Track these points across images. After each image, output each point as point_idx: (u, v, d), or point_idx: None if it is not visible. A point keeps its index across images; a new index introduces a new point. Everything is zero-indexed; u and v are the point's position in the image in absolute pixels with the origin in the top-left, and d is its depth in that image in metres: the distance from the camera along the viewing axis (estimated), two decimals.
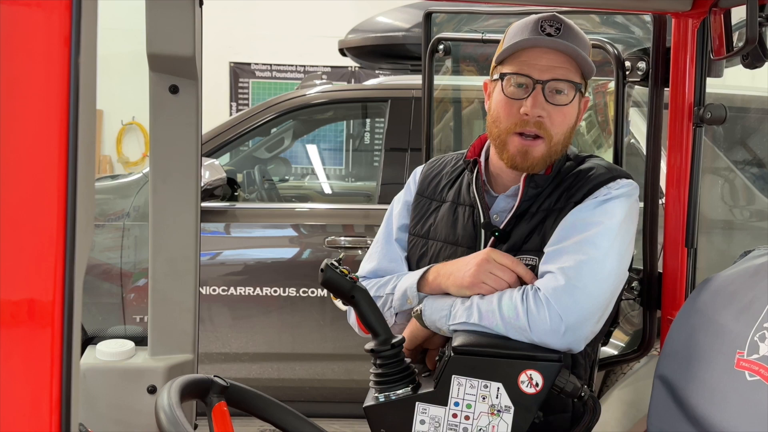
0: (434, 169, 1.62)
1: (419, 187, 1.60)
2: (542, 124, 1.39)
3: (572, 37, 1.41)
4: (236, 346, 3.16)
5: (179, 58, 1.53)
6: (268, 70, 7.91)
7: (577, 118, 1.45)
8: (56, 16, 0.60)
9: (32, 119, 0.61)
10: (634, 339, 2.41)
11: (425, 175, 1.61)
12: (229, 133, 3.32)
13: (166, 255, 1.68)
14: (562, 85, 1.39)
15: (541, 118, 1.39)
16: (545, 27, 1.40)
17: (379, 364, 1.31)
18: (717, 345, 1.19)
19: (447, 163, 1.61)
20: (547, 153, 1.41)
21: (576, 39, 1.41)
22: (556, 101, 1.39)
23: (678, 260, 1.65)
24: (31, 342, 0.61)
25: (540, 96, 1.38)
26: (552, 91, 1.39)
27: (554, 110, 1.39)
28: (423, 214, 1.56)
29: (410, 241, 1.57)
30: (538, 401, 1.27)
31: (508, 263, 1.37)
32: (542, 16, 1.42)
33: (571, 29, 1.42)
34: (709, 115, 1.56)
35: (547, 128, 1.40)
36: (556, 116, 1.40)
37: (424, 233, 1.55)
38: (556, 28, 1.40)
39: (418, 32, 3.32)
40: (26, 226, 0.61)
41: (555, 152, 1.43)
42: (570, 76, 1.40)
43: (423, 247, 1.54)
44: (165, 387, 1.11)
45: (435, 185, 1.58)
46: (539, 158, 1.41)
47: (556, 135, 1.40)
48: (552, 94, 1.39)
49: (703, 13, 1.54)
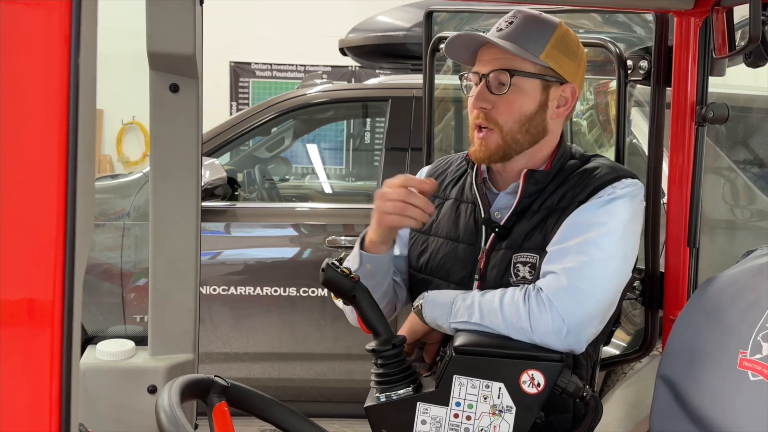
0: (439, 168, 1.63)
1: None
2: (488, 116, 1.43)
3: (521, 29, 1.43)
4: (236, 345, 3.16)
5: (180, 57, 1.53)
6: (268, 70, 7.90)
7: (539, 106, 1.43)
8: (56, 16, 0.60)
9: (32, 119, 0.61)
10: (635, 339, 2.41)
11: (430, 174, 1.63)
12: (229, 132, 3.32)
13: (167, 254, 1.68)
14: (503, 76, 1.41)
15: (485, 109, 1.42)
16: (501, 24, 1.46)
17: (380, 364, 1.30)
18: (720, 345, 1.18)
19: (452, 162, 1.63)
20: (503, 142, 1.43)
21: (525, 31, 1.43)
22: (499, 90, 1.42)
23: (680, 260, 1.64)
24: (31, 342, 0.61)
25: (483, 88, 1.43)
26: (496, 83, 1.42)
27: (499, 100, 1.42)
28: None
29: (411, 237, 1.57)
30: (539, 401, 1.27)
31: (396, 182, 1.40)
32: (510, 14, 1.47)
33: (526, 21, 1.44)
34: (712, 114, 1.56)
35: (493, 118, 1.43)
36: (500, 106, 1.42)
37: (426, 229, 1.55)
38: (510, 23, 1.45)
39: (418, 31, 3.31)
40: (26, 225, 0.61)
41: (513, 141, 1.43)
42: (512, 65, 1.41)
43: (424, 243, 1.54)
44: (165, 387, 1.11)
45: (439, 183, 1.59)
46: (494, 148, 1.44)
47: (505, 124, 1.42)
48: (496, 85, 1.42)
49: (706, 11, 1.54)
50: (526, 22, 1.44)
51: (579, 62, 1.48)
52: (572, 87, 1.47)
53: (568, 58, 1.45)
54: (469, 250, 1.47)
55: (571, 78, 1.45)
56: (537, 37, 1.43)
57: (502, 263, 1.42)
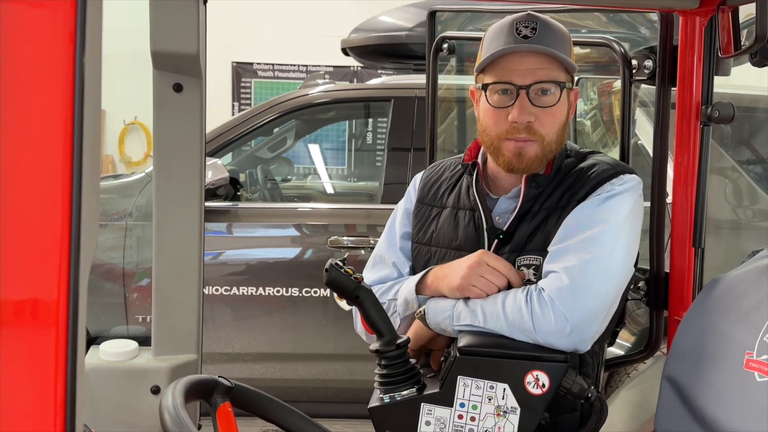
0: (433, 175, 1.61)
1: (419, 194, 1.59)
2: (532, 128, 1.39)
3: (549, 35, 1.39)
4: (239, 346, 3.16)
5: (183, 56, 1.53)
6: (270, 70, 7.91)
7: (567, 113, 1.44)
8: (61, 16, 0.60)
9: (37, 118, 0.61)
10: (640, 339, 2.40)
11: (425, 182, 1.60)
12: (231, 132, 3.32)
13: (170, 255, 1.67)
14: (546, 86, 1.38)
15: (530, 123, 1.39)
16: (520, 29, 1.39)
17: (384, 365, 1.30)
18: (725, 346, 1.18)
19: (446, 168, 1.60)
20: (541, 152, 1.41)
21: (553, 36, 1.39)
22: (543, 103, 1.38)
23: (685, 260, 1.64)
24: (35, 342, 0.61)
25: (525, 101, 1.38)
26: (537, 94, 1.38)
27: (542, 112, 1.39)
28: (424, 222, 1.55)
29: (414, 249, 1.56)
30: (544, 402, 1.27)
31: (500, 267, 1.36)
32: (517, 17, 1.41)
33: (547, 26, 1.40)
34: (717, 113, 1.55)
35: (537, 131, 1.39)
36: (545, 118, 1.39)
37: (427, 240, 1.53)
38: (532, 29, 1.38)
39: (421, 31, 3.32)
40: (31, 225, 0.60)
41: (549, 151, 1.42)
42: (553, 75, 1.39)
43: (426, 254, 1.53)
44: (169, 387, 1.10)
45: (435, 191, 1.57)
46: (534, 158, 1.41)
47: (547, 135, 1.40)
48: (538, 96, 1.38)
49: (711, 10, 1.53)
50: (549, 28, 1.40)
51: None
52: (576, 90, 1.48)
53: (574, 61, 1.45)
54: None
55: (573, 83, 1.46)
56: (562, 42, 1.41)
57: None
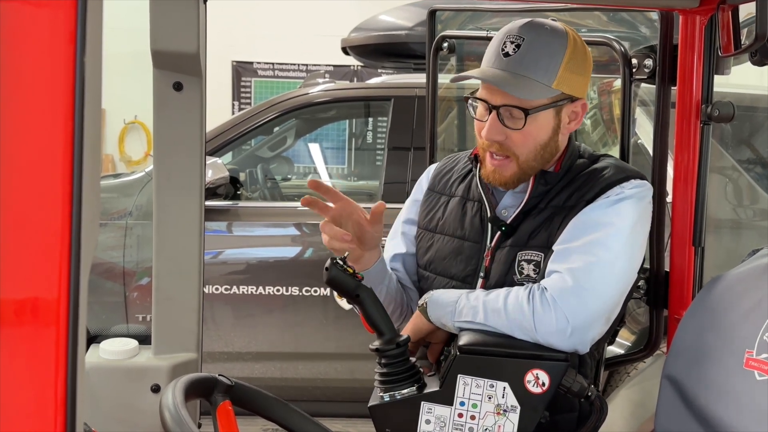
0: (447, 166, 1.62)
1: (431, 183, 1.61)
2: (504, 146, 1.39)
3: (531, 53, 1.34)
4: (239, 345, 3.16)
5: (183, 55, 1.53)
6: (270, 69, 7.90)
7: (554, 131, 1.40)
8: (62, 15, 0.60)
9: (38, 117, 0.61)
10: (640, 338, 2.40)
11: (438, 171, 1.62)
12: (231, 131, 3.32)
13: (170, 253, 1.67)
14: (516, 112, 1.36)
15: (501, 141, 1.38)
16: (506, 45, 1.36)
17: (384, 364, 1.30)
18: (726, 344, 1.18)
19: (460, 160, 1.61)
20: (519, 170, 1.40)
21: (535, 54, 1.34)
22: (512, 125, 1.37)
23: (685, 259, 1.64)
24: (36, 341, 0.61)
25: (495, 121, 1.37)
26: (508, 115, 1.37)
27: (513, 132, 1.37)
28: (432, 208, 1.57)
29: (418, 234, 1.57)
30: (544, 401, 1.27)
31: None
32: (511, 29, 1.38)
33: (535, 41, 1.35)
34: (717, 112, 1.55)
35: (510, 149, 1.39)
36: (516, 138, 1.38)
37: (432, 227, 1.55)
38: (516, 46, 1.35)
39: (421, 30, 3.31)
40: (32, 224, 0.60)
41: (530, 167, 1.41)
42: (524, 102, 1.34)
43: (430, 240, 1.54)
44: (169, 386, 1.10)
45: (446, 180, 1.58)
46: (510, 176, 1.41)
47: (522, 155, 1.39)
48: (508, 117, 1.37)
49: (711, 9, 1.53)
50: (536, 45, 1.35)
51: (588, 73, 1.43)
52: (583, 102, 1.43)
53: (579, 75, 1.40)
54: (475, 247, 1.47)
55: (581, 93, 1.42)
56: (548, 62, 1.35)
57: (506, 261, 1.42)
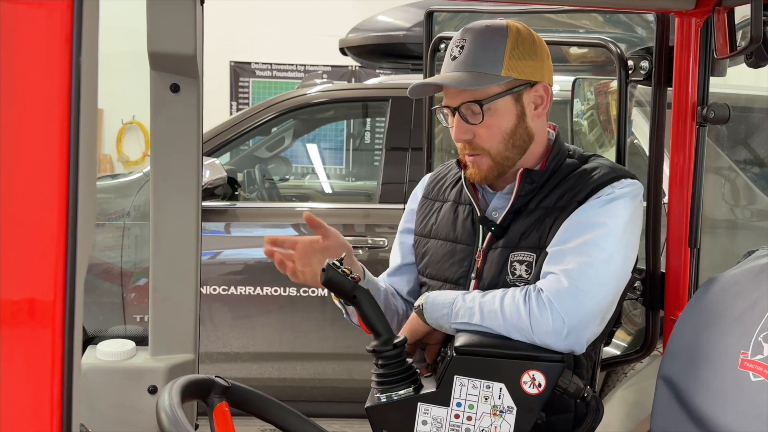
0: (441, 173, 1.65)
1: (425, 191, 1.63)
2: (473, 144, 1.42)
3: (475, 49, 1.40)
4: (236, 345, 3.16)
5: (180, 57, 1.53)
6: (268, 69, 7.90)
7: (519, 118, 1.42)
8: (58, 15, 0.60)
9: (34, 118, 0.61)
10: (636, 339, 2.40)
11: (432, 179, 1.65)
12: (229, 132, 3.32)
13: (167, 254, 1.68)
14: (473, 107, 1.40)
15: (470, 139, 1.42)
16: (453, 49, 1.43)
17: (381, 365, 1.30)
18: (721, 345, 1.18)
19: (453, 167, 1.63)
20: (494, 164, 1.43)
21: (479, 48, 1.40)
22: (474, 120, 1.41)
23: (681, 260, 1.64)
24: (32, 342, 0.61)
25: (459, 121, 1.41)
26: (468, 112, 1.41)
27: (478, 128, 1.41)
28: (426, 214, 1.59)
29: (415, 242, 1.60)
30: (540, 402, 1.27)
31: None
32: (456, 36, 1.44)
33: (476, 39, 1.40)
34: (713, 114, 1.55)
35: (479, 145, 1.42)
36: (482, 132, 1.41)
37: (427, 232, 1.57)
38: (460, 48, 1.42)
39: (418, 31, 3.31)
40: (27, 225, 0.60)
41: (504, 158, 1.43)
42: (477, 95, 1.39)
43: (425, 245, 1.56)
44: (166, 387, 1.11)
45: (439, 187, 1.61)
46: (487, 170, 1.44)
47: (492, 148, 1.42)
48: (470, 114, 1.41)
49: (707, 11, 1.54)
50: (477, 41, 1.41)
51: (541, 57, 1.44)
52: (543, 85, 1.45)
53: (529, 59, 1.42)
54: (467, 249, 1.48)
55: (538, 77, 1.43)
56: (493, 53, 1.40)
57: (498, 262, 1.42)
